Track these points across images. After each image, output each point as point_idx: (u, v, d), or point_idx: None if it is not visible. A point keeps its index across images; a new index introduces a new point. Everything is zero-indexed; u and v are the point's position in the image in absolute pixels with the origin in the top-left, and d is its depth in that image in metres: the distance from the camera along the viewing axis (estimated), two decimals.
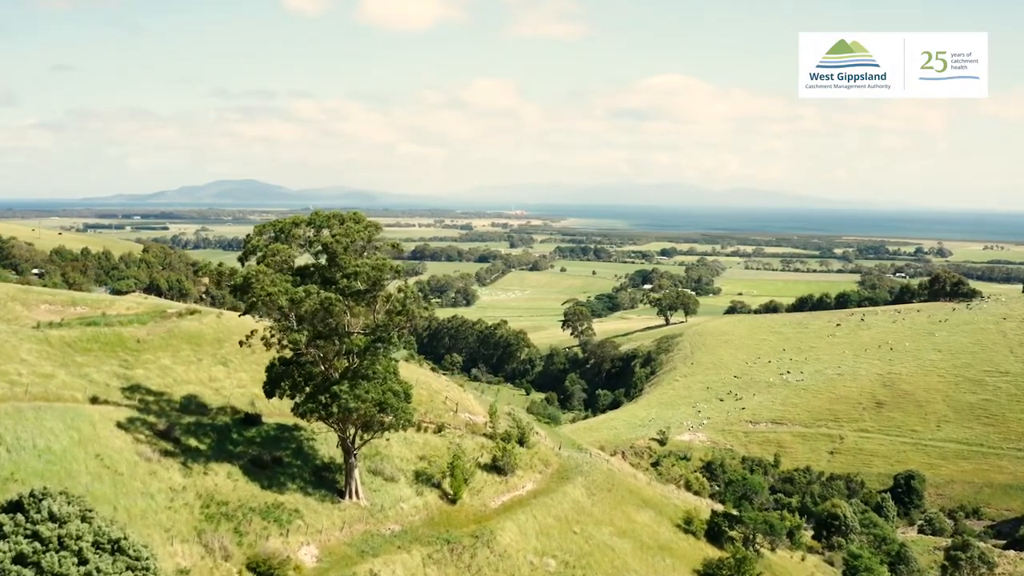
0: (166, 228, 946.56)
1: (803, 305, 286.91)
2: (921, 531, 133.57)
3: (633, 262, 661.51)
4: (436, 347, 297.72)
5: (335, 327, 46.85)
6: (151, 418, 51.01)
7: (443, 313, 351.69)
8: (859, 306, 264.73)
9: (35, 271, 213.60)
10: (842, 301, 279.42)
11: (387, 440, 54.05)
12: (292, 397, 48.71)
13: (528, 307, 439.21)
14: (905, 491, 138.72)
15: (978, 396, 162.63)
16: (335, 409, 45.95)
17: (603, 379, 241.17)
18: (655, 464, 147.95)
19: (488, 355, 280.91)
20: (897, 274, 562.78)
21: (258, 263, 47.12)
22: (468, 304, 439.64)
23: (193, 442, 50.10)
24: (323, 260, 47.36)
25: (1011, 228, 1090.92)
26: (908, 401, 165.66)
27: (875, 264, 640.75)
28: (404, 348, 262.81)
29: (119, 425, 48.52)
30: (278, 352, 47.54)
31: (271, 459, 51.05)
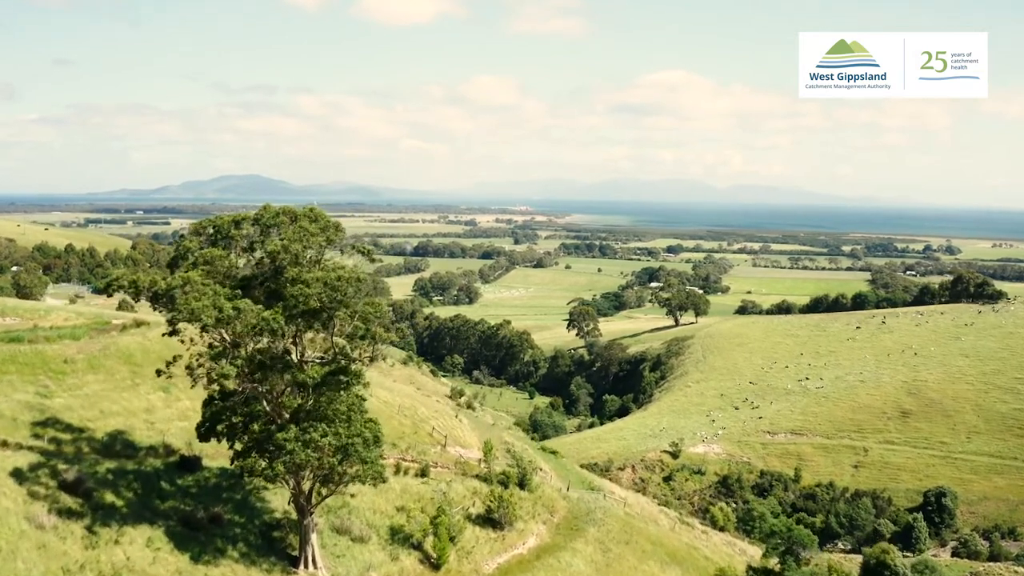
0: (168, 223, 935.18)
1: (818, 306, 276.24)
2: (955, 553, 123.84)
3: (639, 259, 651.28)
4: (437, 348, 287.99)
5: (281, 355, 36.67)
6: (60, 465, 40.74)
7: (445, 312, 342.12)
8: (877, 307, 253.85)
9: (15, 268, 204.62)
10: (859, 302, 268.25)
11: (351, 496, 43.53)
12: (231, 444, 38.34)
13: (532, 305, 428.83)
14: (936, 509, 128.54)
15: (1010, 406, 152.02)
16: (280, 467, 35.61)
17: (610, 383, 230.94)
18: (667, 479, 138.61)
19: (490, 356, 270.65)
20: (908, 272, 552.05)
21: (187, 271, 36.91)
22: (471, 302, 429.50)
23: (108, 496, 39.80)
24: (268, 268, 37.06)
25: (1018, 226, 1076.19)
26: (935, 410, 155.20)
27: (885, 262, 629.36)
28: (403, 349, 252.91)
29: (14, 476, 38.34)
30: (206, 388, 37.16)
31: (208, 517, 40.68)
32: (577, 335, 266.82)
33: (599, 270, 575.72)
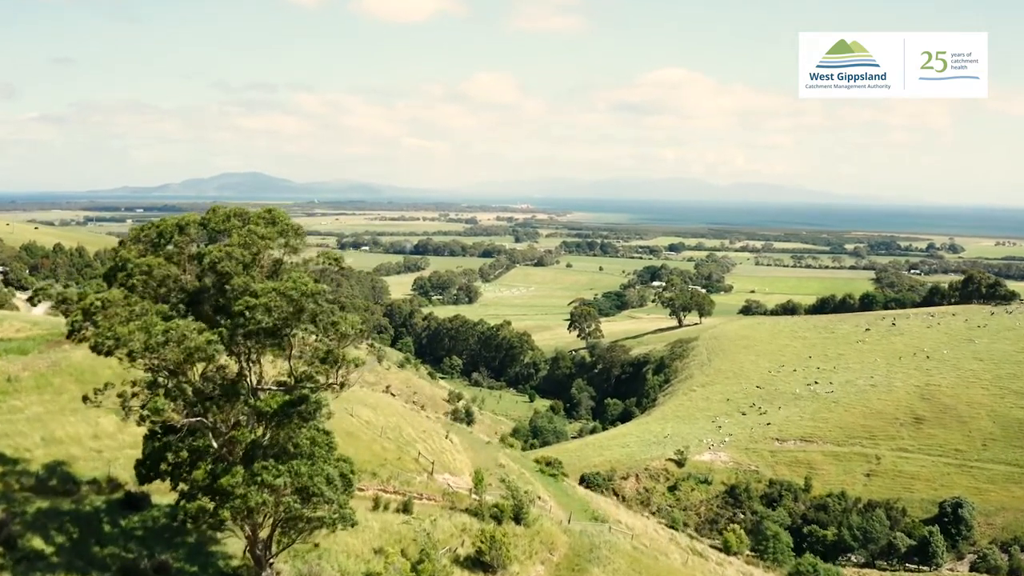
0: None
1: (825, 306, 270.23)
2: (974, 568, 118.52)
3: (640, 258, 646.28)
4: (436, 349, 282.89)
5: (231, 382, 31.18)
6: None
7: (444, 311, 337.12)
8: (886, 308, 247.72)
9: (0, 268, 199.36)
10: (867, 303, 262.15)
11: (315, 544, 37.95)
12: (174, 485, 32.81)
13: (533, 304, 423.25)
14: (952, 520, 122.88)
15: None
16: (225, 513, 30.10)
17: (612, 386, 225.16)
18: (672, 488, 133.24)
19: (490, 358, 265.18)
20: (911, 271, 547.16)
21: (121, 285, 31.47)
22: (471, 301, 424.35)
23: (37, 543, 34.37)
24: (214, 280, 31.48)
25: (1021, 224, 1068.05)
26: (950, 416, 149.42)
27: (888, 260, 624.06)
28: (400, 351, 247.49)
29: None
30: (138, 424, 31.60)
31: (153, 566, 35.20)
32: (578, 336, 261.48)
33: (600, 269, 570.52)
